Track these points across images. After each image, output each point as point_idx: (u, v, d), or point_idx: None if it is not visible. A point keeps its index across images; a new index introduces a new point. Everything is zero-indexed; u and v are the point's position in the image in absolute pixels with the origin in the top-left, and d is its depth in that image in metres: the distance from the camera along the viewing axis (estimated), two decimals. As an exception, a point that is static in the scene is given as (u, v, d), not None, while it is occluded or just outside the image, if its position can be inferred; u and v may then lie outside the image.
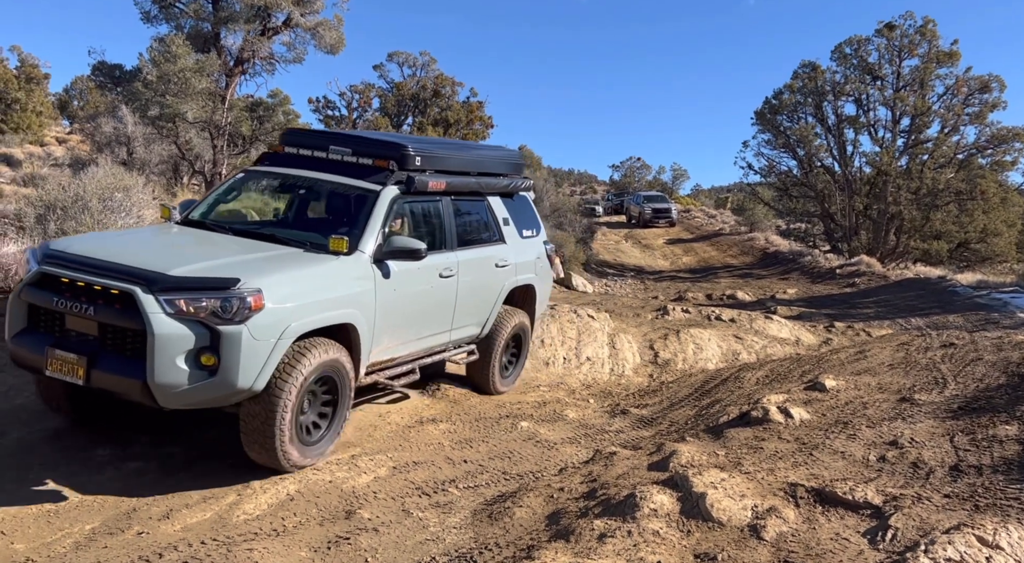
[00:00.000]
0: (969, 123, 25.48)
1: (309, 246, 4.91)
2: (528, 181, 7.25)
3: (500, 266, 6.43)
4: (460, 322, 6.07)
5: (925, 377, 6.29)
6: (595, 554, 3.24)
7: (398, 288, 5.15)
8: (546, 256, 7.35)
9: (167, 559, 3.44)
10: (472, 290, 6.04)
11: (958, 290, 16.81)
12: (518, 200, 7.07)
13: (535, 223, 7.31)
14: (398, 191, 5.38)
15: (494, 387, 6.85)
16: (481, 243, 6.34)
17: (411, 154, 5.51)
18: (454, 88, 36.27)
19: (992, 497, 3.50)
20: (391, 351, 5.34)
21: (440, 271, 5.64)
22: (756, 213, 34.92)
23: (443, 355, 6.14)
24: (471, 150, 6.84)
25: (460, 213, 6.15)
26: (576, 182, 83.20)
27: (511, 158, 7.22)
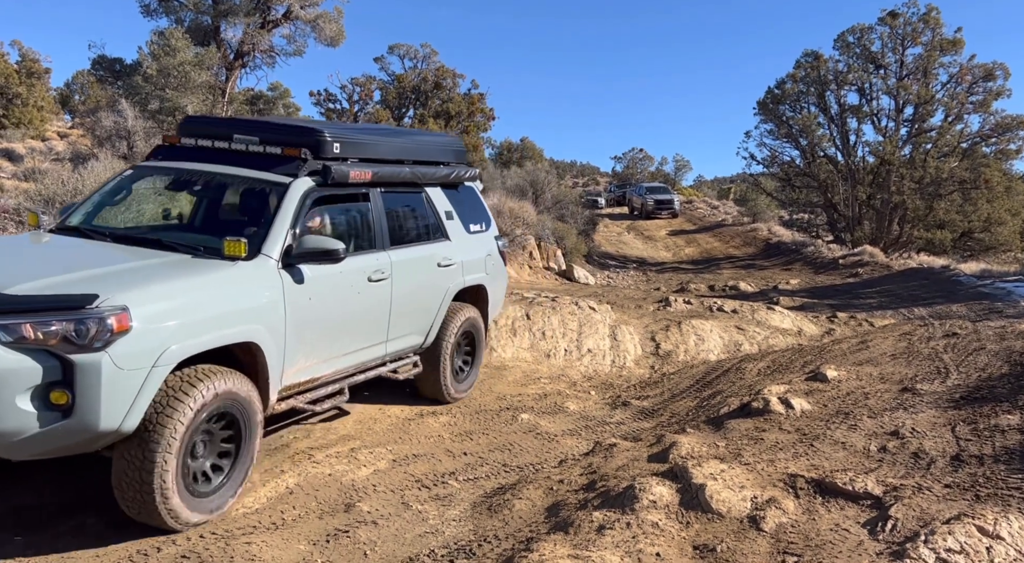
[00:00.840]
0: (973, 111, 25.35)
1: (202, 251, 4.17)
2: (473, 170, 6.56)
3: (444, 266, 5.78)
4: (398, 331, 5.37)
5: (927, 367, 6.26)
6: (594, 546, 3.23)
7: (315, 297, 4.41)
8: (498, 253, 6.71)
9: (165, 553, 3.43)
10: (410, 294, 5.38)
11: (962, 279, 16.75)
12: (464, 192, 6.45)
13: (484, 216, 6.67)
14: (313, 183, 4.63)
15: (448, 395, 6.20)
16: (420, 241, 5.68)
17: (328, 140, 4.82)
18: (455, 80, 36.19)
19: (993, 487, 3.48)
20: (311, 371, 4.56)
21: (369, 274, 4.92)
22: (759, 204, 34.82)
23: (379, 370, 5.38)
24: (404, 136, 6.09)
25: (393, 207, 5.44)
26: (578, 174, 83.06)
27: (452, 145, 6.54)
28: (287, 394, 4.42)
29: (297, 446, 5.07)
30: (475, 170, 6.61)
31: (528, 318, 9.47)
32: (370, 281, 4.94)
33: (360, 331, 4.98)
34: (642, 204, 39.30)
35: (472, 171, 6.53)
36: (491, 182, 23.46)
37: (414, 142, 6.02)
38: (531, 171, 25.77)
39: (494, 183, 23.18)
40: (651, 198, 38.95)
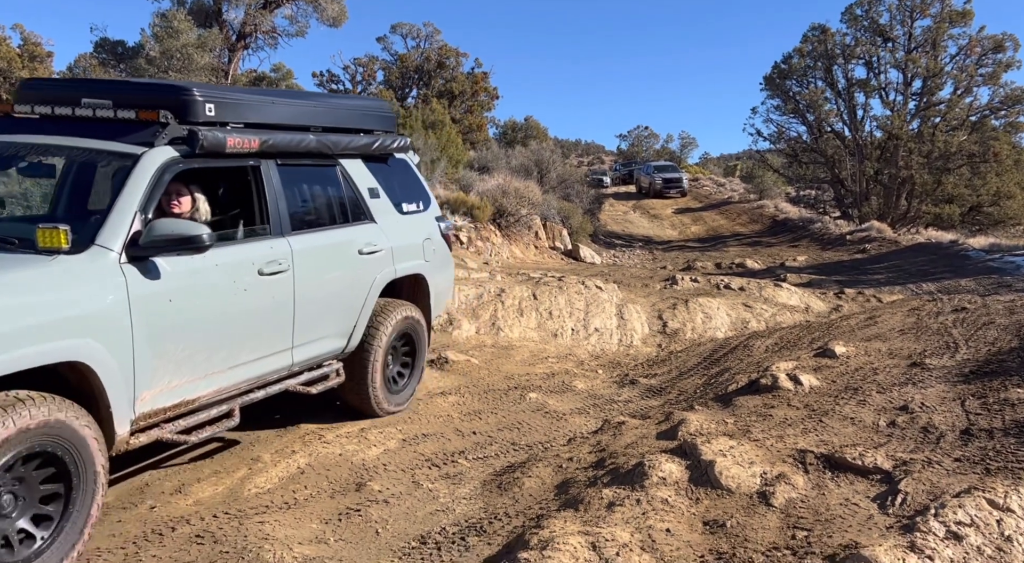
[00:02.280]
0: (982, 84, 25.06)
1: (17, 244, 3.27)
2: (402, 139, 5.51)
3: (367, 253, 4.84)
4: (308, 335, 4.42)
5: (936, 342, 6.24)
6: (604, 522, 3.25)
7: (178, 297, 3.51)
8: (441, 237, 5.77)
9: (180, 532, 3.47)
10: (322, 289, 4.48)
11: (970, 254, 16.65)
12: (395, 165, 5.51)
13: (421, 194, 5.72)
14: (175, 154, 3.68)
15: (378, 407, 5.17)
16: (334, 224, 4.73)
17: (197, 100, 3.85)
18: (458, 59, 35.98)
19: (1003, 460, 3.48)
20: (181, 391, 3.63)
21: (260, 267, 3.98)
22: (765, 180, 34.60)
23: (286, 383, 4.42)
24: (310, 99, 5.03)
25: (295, 184, 4.49)
26: (583, 153, 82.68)
27: (375, 110, 5.51)
28: (147, 423, 3.50)
29: (307, 427, 5.10)
30: (404, 139, 5.54)
31: (535, 298, 9.47)
32: (262, 275, 3.99)
33: (252, 337, 4.01)
34: (650, 183, 38.79)
35: (401, 140, 5.49)
36: (496, 161, 23.37)
37: (325, 106, 5.00)
38: (536, 150, 25.64)
39: (499, 163, 23.09)
40: (659, 177, 38.40)
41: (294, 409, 5.23)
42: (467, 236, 14.00)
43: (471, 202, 14.79)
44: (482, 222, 14.70)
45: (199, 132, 3.73)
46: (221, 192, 4.36)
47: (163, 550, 3.31)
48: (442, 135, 22.24)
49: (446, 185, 18.03)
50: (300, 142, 4.46)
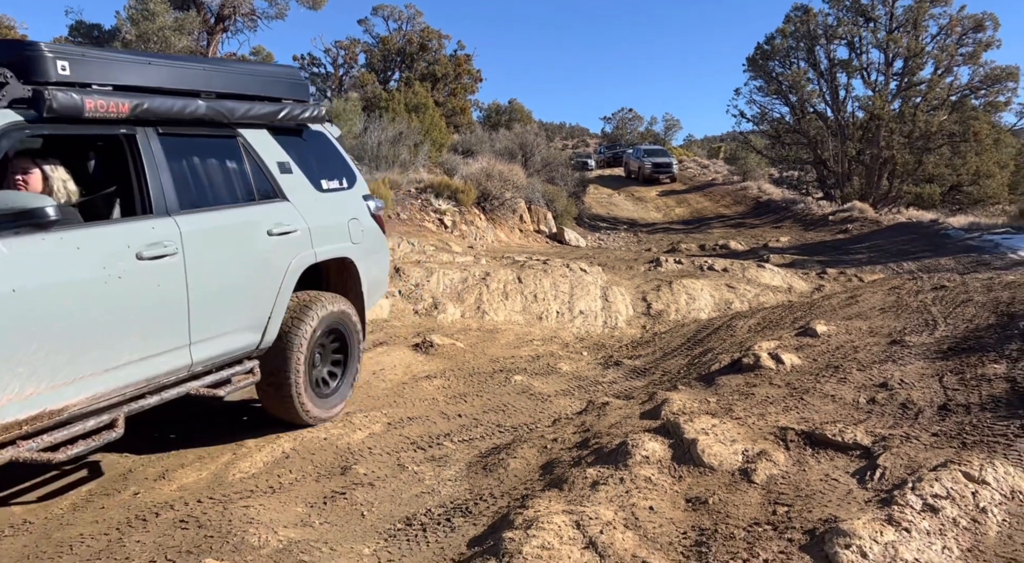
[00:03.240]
0: (963, 63, 25.20)
1: None
2: (316, 108, 4.91)
3: (278, 234, 4.30)
4: (210, 329, 3.87)
5: (916, 320, 6.32)
6: (588, 501, 3.28)
7: (21, 286, 2.98)
8: (372, 217, 5.25)
9: (164, 518, 3.47)
10: (223, 275, 3.95)
11: (950, 233, 16.82)
12: (311, 138, 4.99)
13: (344, 170, 5.18)
14: (18, 118, 3.20)
15: (304, 414, 4.56)
16: (235, 202, 4.18)
17: (44, 56, 3.34)
18: (441, 41, 35.67)
19: (979, 434, 3.54)
20: (40, 400, 3.08)
21: (139, 250, 3.45)
22: (749, 162, 34.69)
23: (187, 386, 3.84)
24: (198, 61, 4.33)
25: (183, 156, 3.96)
26: (568, 136, 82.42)
27: (284, 75, 4.89)
28: (3, 440, 3.02)
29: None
30: (318, 108, 4.94)
31: (520, 281, 9.48)
32: (142, 259, 3.46)
33: (133, 333, 3.45)
34: (639, 167, 37.35)
35: (313, 109, 4.87)
36: (480, 145, 23.25)
37: (219, 69, 4.37)
38: (520, 133, 25.54)
39: (483, 146, 22.98)
40: (649, 161, 36.90)
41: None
42: (451, 220, 13.95)
43: (455, 186, 14.73)
44: (466, 206, 14.65)
45: (45, 92, 3.21)
46: (92, 167, 3.86)
47: (147, 535, 3.30)
48: (425, 118, 22.09)
49: (430, 168, 17.94)
50: (185, 108, 3.89)
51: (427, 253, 11.16)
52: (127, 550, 3.17)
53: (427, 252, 11.22)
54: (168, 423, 4.78)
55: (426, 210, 13.84)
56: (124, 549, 3.18)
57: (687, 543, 2.91)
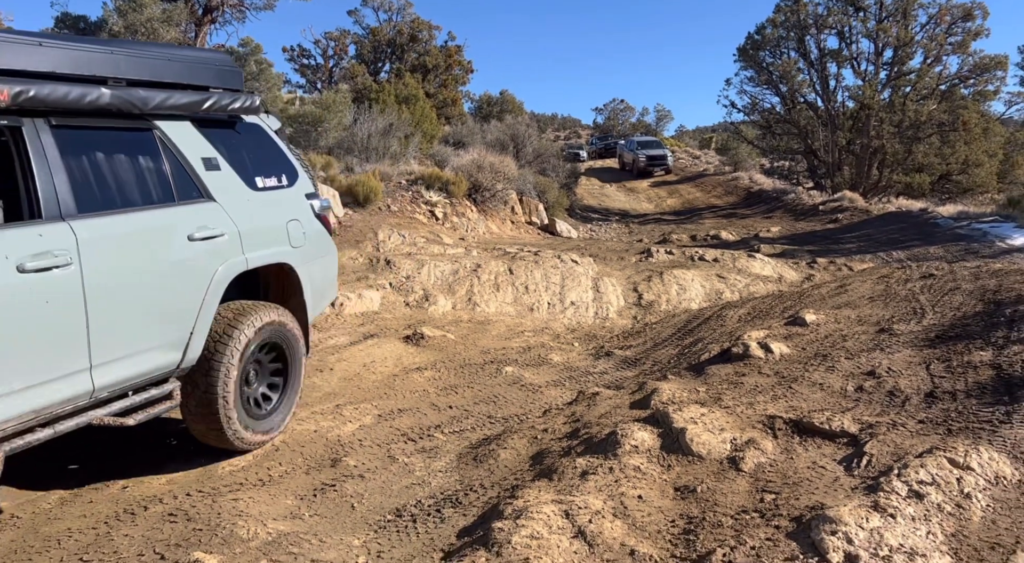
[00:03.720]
0: (952, 53, 25.28)
1: None
2: (250, 98, 4.46)
3: (201, 239, 3.82)
4: (117, 349, 3.37)
5: (904, 308, 6.35)
6: (577, 491, 3.29)
7: None
8: (316, 218, 4.79)
9: (152, 511, 3.46)
10: (132, 287, 3.45)
11: (939, 222, 16.91)
12: (246, 132, 4.52)
13: (283, 166, 4.69)
14: None
15: (235, 438, 4.00)
16: (149, 203, 3.67)
17: None
18: (431, 32, 35.51)
19: (965, 421, 3.57)
20: None
21: (21, 261, 2.99)
22: (740, 152, 34.73)
23: (89, 415, 3.34)
24: (103, 44, 3.77)
25: (81, 151, 3.48)
26: (560, 127, 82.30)
27: (212, 62, 4.38)
28: None
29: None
30: (252, 98, 4.49)
31: (511, 273, 9.48)
32: (25, 272, 2.99)
33: (14, 358, 2.98)
34: (633, 160, 36.28)
35: (246, 99, 4.41)
36: (471, 136, 23.18)
37: (132, 53, 3.81)
38: (511, 124, 25.47)
39: (474, 137, 22.92)
40: (643, 154, 35.78)
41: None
42: (442, 211, 13.92)
43: (446, 177, 14.69)
44: (457, 197, 14.61)
45: None
46: None
47: (135, 529, 3.30)
48: (416, 110, 21.99)
49: (420, 160, 17.88)
50: (84, 97, 3.43)
51: (418, 245, 11.13)
52: (115, 544, 3.17)
53: (418, 244, 11.19)
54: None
55: (417, 202, 13.81)
56: (112, 543, 3.18)
57: (675, 531, 2.93)
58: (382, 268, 9.27)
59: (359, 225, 11.38)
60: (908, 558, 2.44)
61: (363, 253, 10.08)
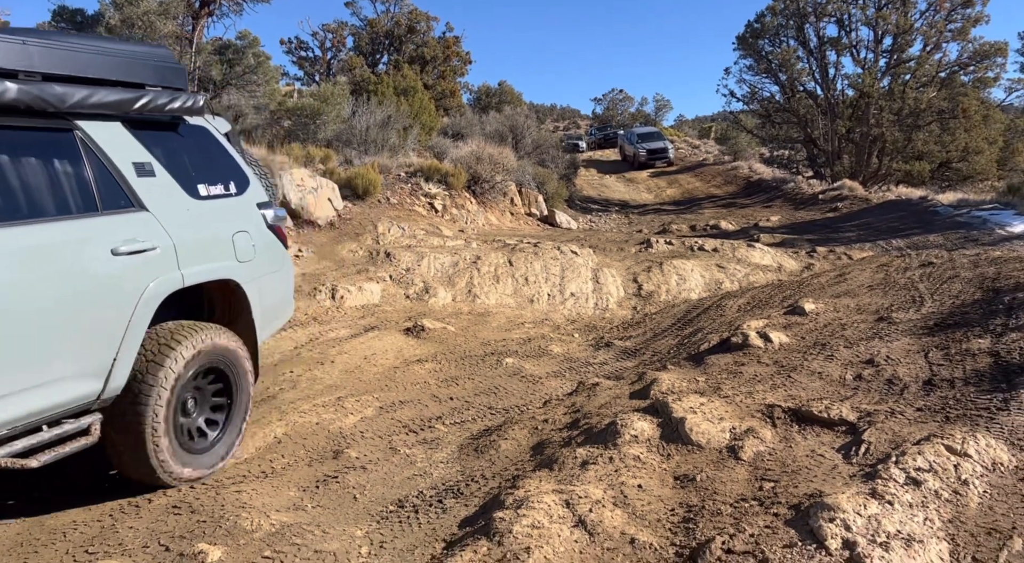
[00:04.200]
0: (951, 40, 25.14)
1: None
2: (192, 97, 4.06)
3: (128, 253, 3.39)
4: (21, 380, 2.94)
5: (903, 296, 6.36)
6: (578, 480, 3.32)
7: None
8: (269, 229, 4.37)
9: (156, 503, 3.49)
10: (43, 309, 3.02)
11: (939, 210, 16.89)
12: (189, 135, 4.14)
13: (232, 172, 4.27)
14: None
15: (167, 475, 3.56)
16: (65, 213, 3.25)
17: None
18: (429, 23, 35.36)
19: (963, 408, 3.59)
20: None
21: None
22: (739, 142, 34.62)
23: None
24: (17, 34, 3.32)
25: None
26: (559, 117, 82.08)
27: (150, 56, 3.93)
28: None
29: (284, 397, 5.11)
30: (196, 97, 4.10)
31: (511, 264, 9.49)
32: None
33: None
34: (634, 154, 35.51)
35: (187, 98, 4.01)
36: (469, 128, 23.13)
37: (51, 45, 3.40)
38: (510, 116, 25.39)
39: (473, 129, 22.87)
40: (643, 147, 34.95)
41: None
42: (442, 204, 13.91)
43: (445, 169, 14.67)
44: (457, 189, 14.60)
45: None
46: None
47: (140, 521, 3.32)
48: (414, 101, 21.93)
49: (419, 152, 17.85)
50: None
51: (417, 237, 11.14)
52: (120, 536, 3.19)
53: (417, 236, 11.20)
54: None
55: (416, 194, 13.79)
56: (117, 535, 3.20)
57: (675, 520, 2.95)
58: (382, 261, 9.28)
59: (358, 218, 11.38)
60: (905, 544, 2.46)
61: (363, 246, 10.09)
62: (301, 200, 10.32)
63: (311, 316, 7.31)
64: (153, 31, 17.38)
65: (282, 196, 10.07)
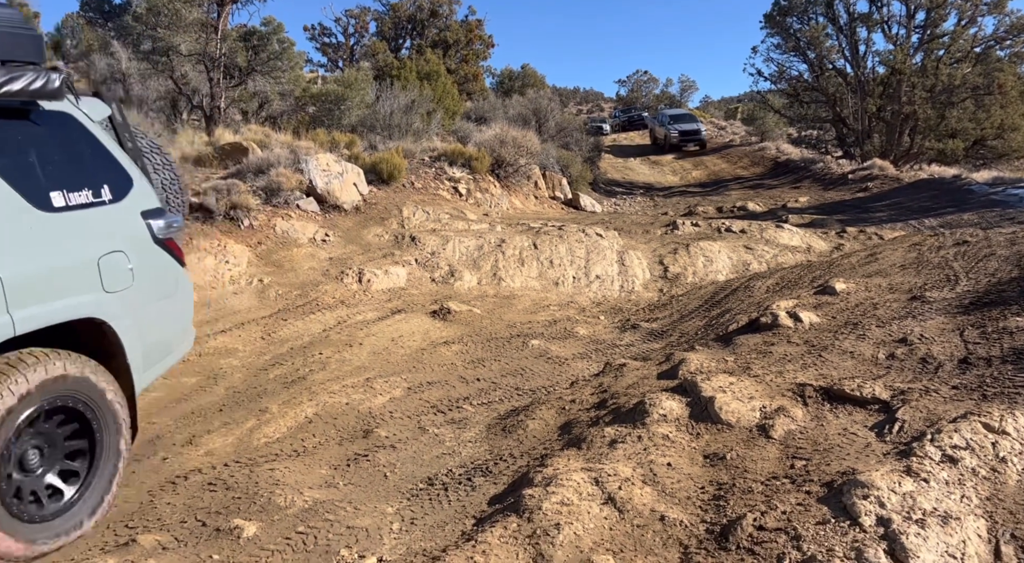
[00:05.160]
0: (987, 13, 24.43)
1: None
2: (50, 76, 3.11)
3: None
4: None
5: (937, 275, 6.24)
6: (606, 459, 3.32)
7: None
8: (158, 246, 3.53)
9: (192, 481, 3.56)
10: None
11: (973, 188, 16.52)
12: (45, 123, 3.19)
13: (107, 173, 3.37)
14: None
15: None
16: None
17: None
18: (451, 7, 35.20)
19: (1000, 386, 3.52)
20: None
21: None
22: (767, 122, 34.09)
23: None
24: None
25: None
26: (582, 100, 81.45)
27: None
28: None
29: (313, 378, 5.17)
30: (51, 75, 3.12)
31: (535, 247, 9.47)
32: None
33: None
34: (665, 136, 34.25)
35: (41, 77, 3.06)
36: (493, 112, 23.05)
37: None
38: (533, 99, 25.26)
39: (496, 112, 22.78)
40: (675, 129, 33.69)
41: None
42: (466, 188, 13.91)
43: (469, 153, 14.65)
44: (480, 173, 14.58)
45: None
46: None
47: (177, 497, 3.39)
48: (437, 86, 21.89)
49: (443, 137, 17.84)
50: None
51: (442, 221, 11.15)
52: (158, 512, 3.27)
53: (442, 220, 11.21)
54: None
55: (440, 178, 13.80)
56: (156, 511, 3.27)
57: (705, 497, 2.94)
58: (407, 244, 9.32)
59: (384, 202, 11.42)
60: (942, 521, 2.43)
61: (388, 230, 10.13)
62: (327, 185, 10.38)
63: (339, 299, 7.37)
64: (179, 18, 17.52)
65: (308, 181, 10.13)
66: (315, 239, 9.04)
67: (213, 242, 7.82)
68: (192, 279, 4.02)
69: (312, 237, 9.06)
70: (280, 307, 6.93)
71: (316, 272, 8.03)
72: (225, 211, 8.67)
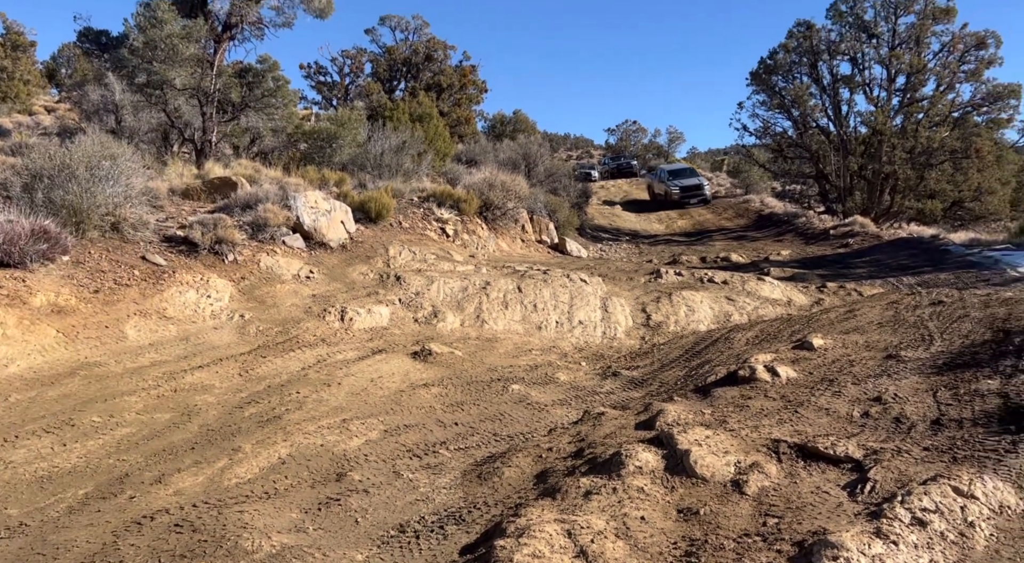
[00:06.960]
0: (965, 80, 25.23)
1: None
2: None
3: None
4: None
5: (912, 334, 6.33)
6: (580, 510, 3.30)
7: None
8: None
9: (159, 522, 3.49)
10: None
11: (951, 249, 16.82)
12: None
13: None
14: None
15: None
16: None
17: None
18: (446, 52, 35.88)
19: (970, 449, 3.56)
20: None
21: None
22: (752, 175, 34.72)
23: None
24: None
25: None
26: (572, 146, 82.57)
27: None
28: None
29: (289, 418, 5.12)
30: None
31: (520, 291, 9.51)
32: None
33: None
34: (666, 192, 32.23)
35: None
36: (483, 155, 23.33)
37: None
38: (524, 144, 25.61)
39: (486, 156, 23.06)
40: (675, 184, 31.73)
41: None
42: (453, 229, 13.99)
43: (458, 195, 14.78)
44: (469, 215, 14.69)
45: None
46: None
47: (141, 539, 3.32)
48: (429, 128, 22.17)
49: (433, 178, 18.00)
50: None
51: (428, 261, 11.19)
52: (121, 553, 3.20)
53: (428, 260, 11.25)
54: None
55: (428, 219, 13.89)
56: (118, 552, 3.21)
57: (677, 553, 2.93)
58: (392, 284, 9.33)
59: (370, 241, 11.45)
60: (909, 585, 2.43)
61: (373, 269, 10.14)
62: (314, 222, 10.41)
63: (320, 337, 7.33)
64: (176, 53, 17.73)
65: (296, 218, 10.16)
66: (299, 276, 9.04)
67: (196, 276, 7.80)
68: (172, 313, 4.01)
69: (296, 273, 9.06)
70: (260, 343, 6.88)
71: (298, 309, 8.00)
72: (210, 245, 8.66)
